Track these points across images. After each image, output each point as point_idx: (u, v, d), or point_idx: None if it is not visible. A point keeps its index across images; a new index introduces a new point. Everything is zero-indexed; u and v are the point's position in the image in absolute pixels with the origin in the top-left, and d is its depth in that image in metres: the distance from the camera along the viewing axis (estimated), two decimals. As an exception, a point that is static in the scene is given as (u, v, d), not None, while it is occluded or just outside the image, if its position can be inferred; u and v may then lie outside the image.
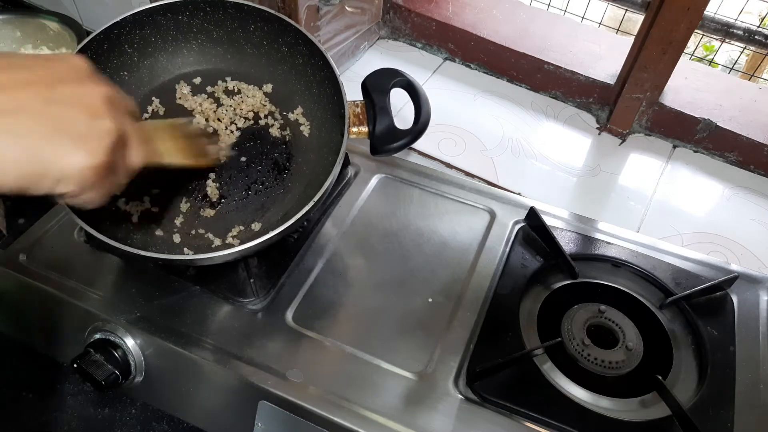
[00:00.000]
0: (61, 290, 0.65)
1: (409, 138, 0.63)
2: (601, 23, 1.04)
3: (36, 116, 0.35)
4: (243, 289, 0.65)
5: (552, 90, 0.98)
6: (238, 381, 0.59)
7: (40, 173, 0.35)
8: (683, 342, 0.65)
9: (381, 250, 0.71)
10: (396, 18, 1.05)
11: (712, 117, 0.87)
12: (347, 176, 0.78)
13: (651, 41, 0.82)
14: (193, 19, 0.67)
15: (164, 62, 0.69)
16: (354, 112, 0.64)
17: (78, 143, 0.36)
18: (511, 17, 1.03)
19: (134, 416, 0.67)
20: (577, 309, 0.65)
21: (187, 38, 0.68)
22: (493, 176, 0.85)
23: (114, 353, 0.60)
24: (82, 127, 0.36)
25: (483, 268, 0.69)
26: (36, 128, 0.34)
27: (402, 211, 0.75)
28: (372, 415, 0.57)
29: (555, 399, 0.58)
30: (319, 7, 0.88)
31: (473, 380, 0.59)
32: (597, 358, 0.61)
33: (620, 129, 0.93)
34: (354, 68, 1.02)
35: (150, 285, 0.65)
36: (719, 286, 0.68)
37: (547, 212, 0.75)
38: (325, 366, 0.60)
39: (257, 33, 0.68)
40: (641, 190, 0.85)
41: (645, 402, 0.60)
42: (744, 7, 0.94)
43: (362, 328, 0.64)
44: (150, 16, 0.64)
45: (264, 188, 0.66)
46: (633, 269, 0.70)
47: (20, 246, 0.69)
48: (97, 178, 0.38)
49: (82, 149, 0.36)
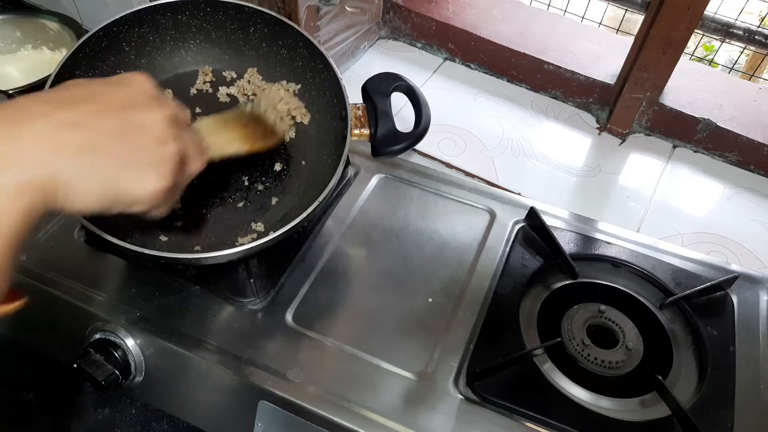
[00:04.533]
0: (61, 290, 0.65)
1: (410, 141, 0.64)
2: (601, 23, 1.04)
3: (112, 153, 0.38)
4: (243, 289, 0.65)
5: (552, 90, 0.98)
6: (238, 381, 0.59)
7: (116, 200, 0.39)
8: (683, 342, 0.65)
9: (381, 250, 0.71)
10: (396, 18, 1.05)
11: (712, 117, 0.87)
12: (347, 176, 0.79)
13: (651, 41, 0.82)
14: (192, 20, 0.67)
15: (161, 62, 0.69)
16: (355, 114, 0.64)
17: (148, 172, 0.40)
18: (511, 17, 1.03)
19: (134, 416, 0.67)
20: (577, 309, 0.65)
21: (186, 38, 0.68)
22: (493, 176, 0.85)
23: (114, 353, 0.61)
24: (151, 156, 0.40)
25: (483, 268, 0.69)
26: (113, 163, 0.38)
27: (402, 211, 0.75)
28: (372, 415, 0.57)
29: (555, 399, 0.58)
30: (319, 8, 0.88)
31: (473, 380, 0.59)
32: (597, 358, 0.61)
33: (620, 129, 0.93)
34: (354, 68, 1.02)
35: (150, 285, 0.65)
36: (719, 286, 0.68)
37: (547, 212, 0.75)
38: (325, 366, 0.60)
39: (257, 35, 0.68)
40: (641, 190, 0.85)
41: (645, 402, 0.60)
42: (744, 7, 0.94)
43: (362, 328, 0.64)
44: (150, 14, 0.64)
45: (264, 188, 0.66)
46: (633, 269, 0.70)
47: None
48: (165, 197, 0.42)
49: (152, 176, 0.40)
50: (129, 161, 0.39)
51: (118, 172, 0.39)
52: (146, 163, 0.40)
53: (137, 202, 0.41)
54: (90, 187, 0.37)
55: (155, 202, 0.42)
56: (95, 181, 0.38)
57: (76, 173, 0.36)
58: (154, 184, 0.41)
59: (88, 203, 0.38)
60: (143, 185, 0.40)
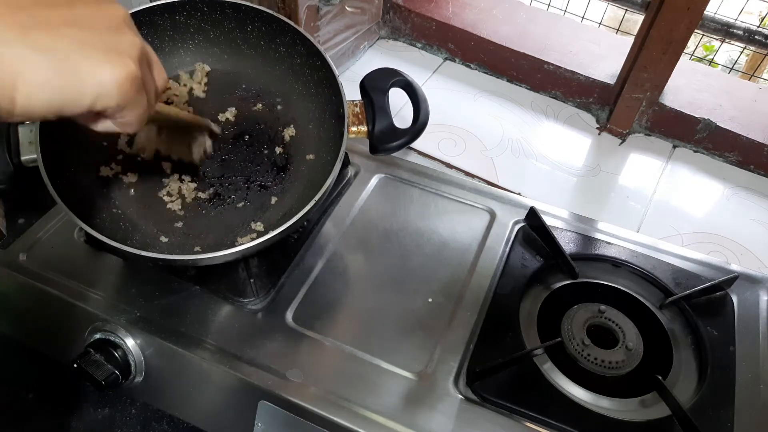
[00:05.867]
0: (61, 290, 0.65)
1: (408, 137, 0.63)
2: (601, 23, 1.04)
3: (61, 31, 0.33)
4: (243, 289, 0.65)
5: (552, 90, 0.98)
6: (238, 381, 0.59)
7: (77, 89, 0.33)
8: (683, 342, 0.65)
9: (381, 250, 0.71)
10: (396, 18, 1.05)
11: (712, 117, 0.87)
12: (347, 176, 0.78)
13: (651, 41, 0.82)
14: (190, 20, 0.67)
15: (160, 62, 0.69)
16: (353, 111, 0.64)
17: (109, 55, 0.35)
18: (511, 17, 1.03)
19: (134, 416, 0.67)
20: (577, 309, 0.65)
21: (184, 38, 0.68)
22: (493, 176, 0.85)
23: (114, 353, 0.60)
24: (109, 40, 0.35)
25: (483, 268, 0.69)
26: (63, 42, 0.33)
27: (402, 211, 0.75)
28: (372, 415, 0.57)
29: (555, 399, 0.58)
30: (319, 8, 0.88)
31: (473, 380, 0.59)
32: (597, 358, 0.61)
33: (620, 129, 0.93)
34: (354, 68, 1.02)
35: (150, 285, 0.65)
36: (719, 286, 0.68)
37: (547, 212, 0.75)
38: (325, 366, 0.60)
39: (254, 33, 0.68)
40: (641, 190, 0.85)
41: (645, 402, 0.60)
42: (744, 7, 0.94)
43: (362, 328, 0.64)
44: (147, 16, 0.64)
45: (263, 188, 0.66)
46: (633, 269, 0.70)
47: (20, 246, 0.69)
48: (135, 90, 0.36)
49: (114, 60, 0.35)
50: (85, 43, 0.33)
51: (72, 51, 0.33)
52: (105, 48, 0.35)
53: (103, 92, 0.34)
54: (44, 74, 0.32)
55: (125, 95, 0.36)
56: (45, 61, 0.32)
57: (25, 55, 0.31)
58: (120, 70, 0.35)
59: (41, 97, 0.32)
60: (106, 70, 0.34)
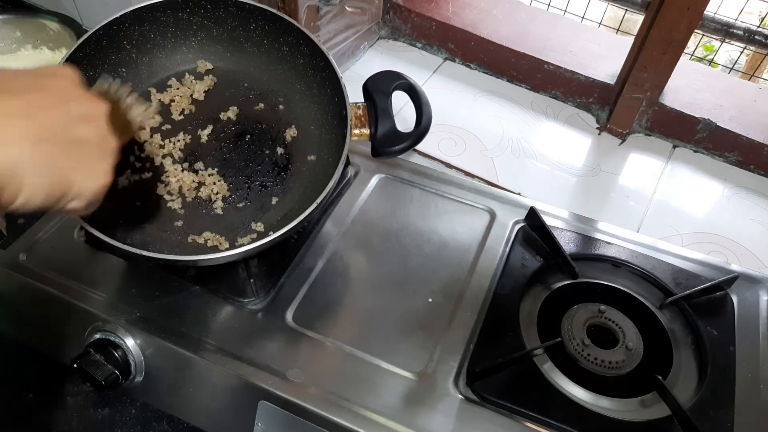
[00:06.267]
0: (61, 290, 0.65)
1: (410, 141, 0.63)
2: (601, 23, 1.04)
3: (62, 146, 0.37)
4: (243, 289, 0.65)
5: (552, 90, 0.98)
6: (238, 381, 0.59)
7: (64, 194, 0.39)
8: (683, 342, 0.65)
9: (381, 250, 0.71)
10: (396, 18, 1.05)
11: (712, 117, 0.87)
12: (347, 176, 0.78)
13: (651, 41, 0.82)
14: (193, 17, 0.67)
15: (163, 59, 0.69)
16: (356, 114, 0.64)
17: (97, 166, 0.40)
18: (511, 17, 1.03)
19: (134, 416, 0.66)
20: (577, 309, 0.65)
21: (187, 35, 0.68)
22: (493, 176, 0.85)
23: (114, 353, 0.60)
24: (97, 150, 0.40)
25: (483, 268, 0.69)
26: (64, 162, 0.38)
27: (402, 211, 0.75)
28: (372, 415, 0.57)
29: (555, 399, 0.58)
30: (319, 7, 0.88)
31: (473, 380, 0.59)
32: (597, 358, 0.61)
33: (620, 129, 0.93)
34: (354, 68, 1.02)
35: (150, 285, 0.65)
36: (719, 286, 0.68)
37: (547, 212, 0.75)
38: (325, 366, 0.60)
39: (258, 32, 0.68)
40: (641, 190, 0.85)
41: (645, 402, 0.60)
42: (744, 7, 0.94)
43: (362, 328, 0.64)
44: (150, 12, 0.64)
45: (264, 188, 0.66)
46: (633, 269, 0.70)
47: (20, 246, 0.69)
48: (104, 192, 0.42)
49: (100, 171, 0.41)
50: (79, 155, 0.39)
51: (70, 165, 0.38)
52: (95, 158, 0.40)
53: (80, 197, 0.40)
54: (41, 180, 0.36)
55: (96, 198, 0.41)
56: (47, 174, 0.37)
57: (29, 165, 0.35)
58: (102, 179, 0.40)
59: (35, 197, 0.36)
60: (93, 180, 0.40)
